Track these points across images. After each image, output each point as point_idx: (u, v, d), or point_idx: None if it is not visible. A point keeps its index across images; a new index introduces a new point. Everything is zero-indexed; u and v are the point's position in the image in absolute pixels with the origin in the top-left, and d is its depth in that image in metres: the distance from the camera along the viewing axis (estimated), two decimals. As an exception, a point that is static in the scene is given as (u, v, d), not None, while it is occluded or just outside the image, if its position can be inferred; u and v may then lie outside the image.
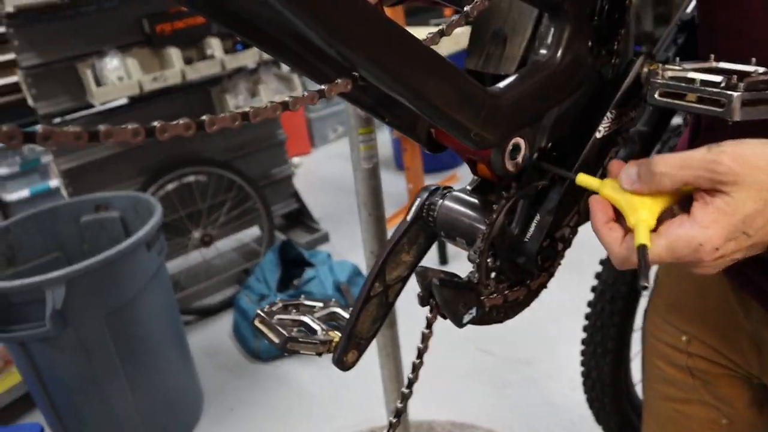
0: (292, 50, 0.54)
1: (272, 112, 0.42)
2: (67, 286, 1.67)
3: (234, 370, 2.51)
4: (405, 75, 0.46)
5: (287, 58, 0.54)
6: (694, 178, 0.49)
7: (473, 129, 0.53)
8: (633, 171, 0.52)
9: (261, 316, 0.77)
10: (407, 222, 0.69)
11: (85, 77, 2.42)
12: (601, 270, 1.43)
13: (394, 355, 1.30)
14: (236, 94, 2.77)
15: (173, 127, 0.38)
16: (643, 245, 0.48)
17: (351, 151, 1.13)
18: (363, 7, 0.43)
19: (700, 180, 0.49)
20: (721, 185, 0.48)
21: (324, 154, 4.99)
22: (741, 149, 0.48)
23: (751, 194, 0.48)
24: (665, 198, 0.52)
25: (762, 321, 0.81)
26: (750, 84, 0.52)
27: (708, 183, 0.49)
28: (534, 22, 0.61)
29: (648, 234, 0.49)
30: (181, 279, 2.90)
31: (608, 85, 0.65)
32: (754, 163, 0.48)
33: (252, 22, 0.52)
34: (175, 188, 2.78)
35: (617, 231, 0.53)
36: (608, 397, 1.52)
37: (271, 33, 0.53)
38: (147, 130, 0.36)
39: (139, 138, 0.36)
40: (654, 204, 0.51)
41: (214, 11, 0.50)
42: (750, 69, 0.55)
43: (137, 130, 0.36)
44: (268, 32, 0.53)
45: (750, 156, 0.48)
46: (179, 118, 0.39)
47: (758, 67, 0.55)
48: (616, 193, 0.53)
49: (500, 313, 0.66)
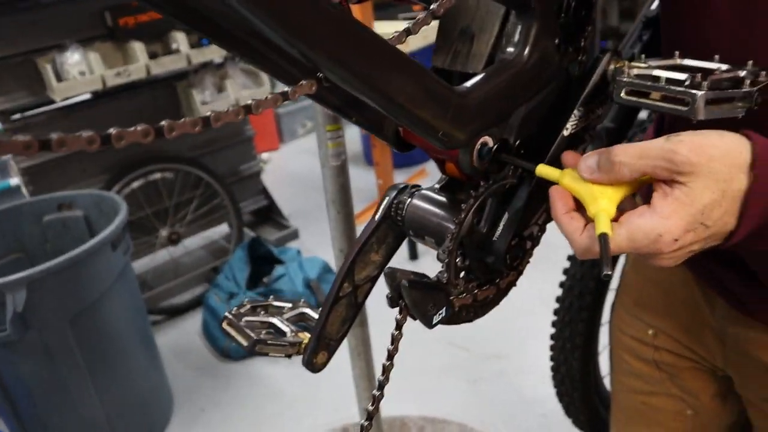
0: (255, 49, 0.53)
1: (234, 116, 0.41)
2: (29, 289, 1.63)
3: (204, 370, 2.48)
4: (370, 76, 0.45)
5: (250, 57, 0.53)
6: (652, 168, 0.49)
7: (440, 129, 0.52)
8: (592, 160, 0.52)
9: (229, 319, 0.76)
10: (375, 221, 0.68)
11: (45, 72, 2.35)
12: (569, 266, 1.45)
13: (366, 355, 1.30)
14: (203, 89, 2.73)
15: (130, 133, 0.36)
16: (604, 234, 0.48)
17: (319, 148, 1.12)
18: (324, 6, 0.42)
19: (658, 170, 0.49)
20: (678, 175, 0.48)
21: (293, 150, 4.95)
22: (698, 139, 0.49)
23: (709, 184, 0.48)
24: (625, 187, 0.52)
25: (726, 316, 0.83)
26: (713, 82, 0.52)
27: (666, 173, 0.49)
28: (501, 20, 0.61)
29: (609, 223, 0.49)
30: (149, 278, 2.85)
31: (575, 83, 0.65)
32: (711, 153, 0.48)
33: (212, 20, 0.50)
34: (140, 186, 2.72)
35: (578, 221, 0.53)
36: (577, 391, 1.54)
37: (232, 31, 0.51)
38: (102, 138, 0.35)
39: (94, 146, 0.34)
40: (614, 193, 0.51)
41: (172, 8, 0.48)
42: (713, 66, 0.56)
43: (92, 138, 0.34)
44: (230, 31, 0.51)
45: (707, 146, 0.48)
46: (144, 113, 0.38)
47: (721, 64, 0.56)
48: (576, 183, 0.53)
49: (470, 313, 0.65)
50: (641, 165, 0.50)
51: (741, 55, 0.58)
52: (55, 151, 0.33)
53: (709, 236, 0.50)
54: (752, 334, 0.79)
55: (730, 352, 0.85)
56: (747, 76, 0.53)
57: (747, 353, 0.81)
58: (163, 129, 0.38)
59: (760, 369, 0.80)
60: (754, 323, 0.78)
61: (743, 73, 0.53)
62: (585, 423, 1.61)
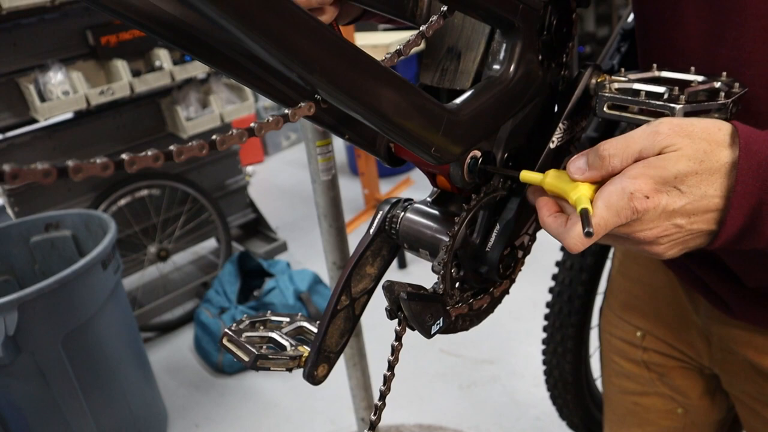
0: (252, 72, 0.54)
1: (238, 138, 0.43)
2: (20, 311, 1.62)
3: (198, 386, 2.47)
4: (367, 97, 0.47)
5: (247, 80, 0.55)
6: (640, 152, 0.51)
7: (433, 145, 0.54)
8: (581, 161, 0.53)
9: (229, 335, 0.77)
10: (370, 235, 0.70)
11: (28, 92, 2.35)
12: (558, 271, 1.47)
13: (362, 365, 1.31)
14: (187, 105, 2.73)
15: (141, 158, 0.38)
16: (585, 209, 0.50)
17: (309, 163, 1.13)
18: (323, 30, 0.44)
19: (646, 151, 0.50)
20: (663, 150, 0.50)
21: (278, 162, 4.96)
22: (678, 120, 0.51)
23: (685, 153, 0.49)
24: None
25: (710, 316, 0.85)
26: (691, 95, 0.55)
27: (653, 152, 0.50)
28: (487, 38, 0.63)
29: (588, 202, 0.51)
30: (139, 295, 2.84)
31: (559, 97, 0.68)
32: (690, 130, 0.50)
33: (210, 45, 0.52)
34: (127, 203, 2.72)
35: (562, 217, 0.54)
36: (570, 393, 1.56)
37: (230, 55, 0.53)
38: (116, 163, 0.36)
39: (108, 171, 0.36)
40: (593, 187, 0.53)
41: (172, 35, 0.50)
42: (690, 78, 0.58)
43: (106, 164, 0.36)
44: (228, 54, 0.53)
45: (686, 125, 0.50)
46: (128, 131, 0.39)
47: (698, 76, 0.58)
48: (557, 182, 0.55)
49: (466, 321, 0.67)
50: (630, 152, 0.51)
51: (712, 66, 0.61)
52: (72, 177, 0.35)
53: (692, 212, 0.50)
54: (736, 333, 0.82)
55: (716, 350, 0.87)
56: (722, 87, 0.56)
57: (732, 351, 0.84)
58: (172, 153, 0.40)
59: (745, 366, 0.83)
60: (738, 322, 0.80)
61: (718, 85, 0.56)
62: (579, 424, 1.63)
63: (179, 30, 0.50)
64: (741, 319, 0.79)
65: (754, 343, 0.80)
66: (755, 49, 0.59)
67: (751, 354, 0.80)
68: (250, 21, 0.39)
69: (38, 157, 2.53)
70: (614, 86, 0.60)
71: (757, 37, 0.59)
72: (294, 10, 0.41)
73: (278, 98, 0.56)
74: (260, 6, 0.39)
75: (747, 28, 0.59)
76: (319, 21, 0.44)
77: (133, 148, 2.74)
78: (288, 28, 0.41)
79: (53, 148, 2.55)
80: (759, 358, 0.80)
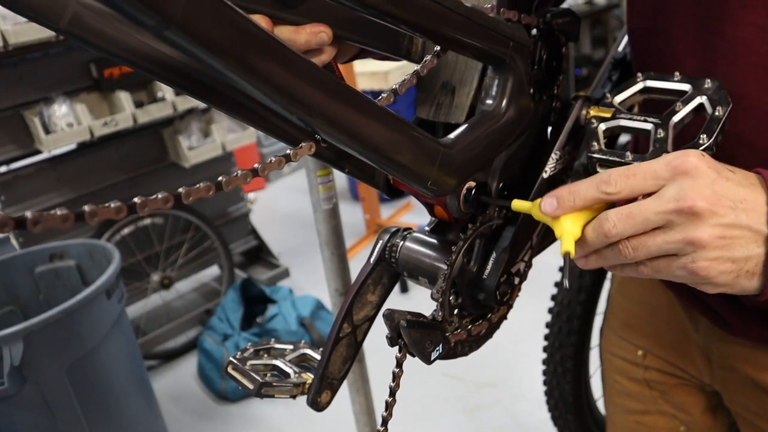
0: (251, 110, 0.57)
1: (243, 179, 0.45)
2: (25, 341, 1.63)
3: (202, 414, 2.47)
4: (365, 137, 0.49)
5: (246, 117, 0.57)
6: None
7: (429, 179, 0.57)
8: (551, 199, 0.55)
9: (234, 363, 0.78)
10: (371, 264, 0.72)
11: (33, 125, 2.39)
12: (556, 292, 1.49)
13: (365, 390, 1.32)
14: (189, 135, 2.77)
15: (152, 201, 0.40)
16: (567, 253, 0.52)
17: (310, 193, 1.16)
18: (320, 76, 0.46)
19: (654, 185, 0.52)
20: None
21: (279, 188, 4.99)
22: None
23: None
24: (588, 212, 0.55)
25: (710, 334, 0.87)
26: (676, 125, 0.58)
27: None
28: (479, 74, 0.66)
29: (572, 243, 0.53)
30: (142, 323, 2.85)
31: (551, 126, 0.70)
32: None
33: (207, 84, 0.54)
34: (131, 232, 2.74)
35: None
36: (571, 414, 1.56)
37: (227, 94, 0.55)
38: (129, 207, 0.39)
39: (122, 215, 0.38)
40: (578, 217, 0.54)
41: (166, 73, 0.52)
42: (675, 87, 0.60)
43: (120, 208, 0.38)
44: (229, 96, 0.56)
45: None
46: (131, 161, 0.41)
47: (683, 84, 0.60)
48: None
49: (465, 347, 0.69)
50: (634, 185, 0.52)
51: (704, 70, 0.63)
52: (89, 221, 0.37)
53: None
54: (736, 349, 0.83)
55: (717, 368, 0.88)
56: (707, 105, 0.57)
57: (732, 368, 0.85)
58: (181, 195, 0.42)
59: (746, 383, 0.83)
60: (738, 339, 0.81)
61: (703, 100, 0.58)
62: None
63: (178, 71, 0.52)
64: (741, 336, 0.80)
65: (754, 360, 0.81)
66: (747, 83, 0.61)
67: (751, 371, 0.81)
68: (247, 67, 0.41)
69: (43, 188, 2.56)
70: (601, 128, 0.62)
71: (749, 71, 0.61)
72: (290, 56, 0.44)
73: (280, 136, 0.59)
74: (257, 52, 0.41)
75: (738, 63, 0.61)
76: (316, 65, 0.46)
77: (136, 177, 2.77)
78: (286, 73, 0.43)
79: (57, 179, 2.58)
80: (760, 375, 0.80)
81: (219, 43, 0.38)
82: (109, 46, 0.48)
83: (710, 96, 0.57)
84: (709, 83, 0.58)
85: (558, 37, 0.68)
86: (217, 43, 0.38)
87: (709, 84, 0.58)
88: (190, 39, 0.37)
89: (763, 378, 0.80)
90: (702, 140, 0.56)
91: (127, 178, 2.73)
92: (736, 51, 0.61)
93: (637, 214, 0.50)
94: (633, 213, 0.50)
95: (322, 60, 0.59)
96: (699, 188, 0.48)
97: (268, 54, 0.42)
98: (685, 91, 0.59)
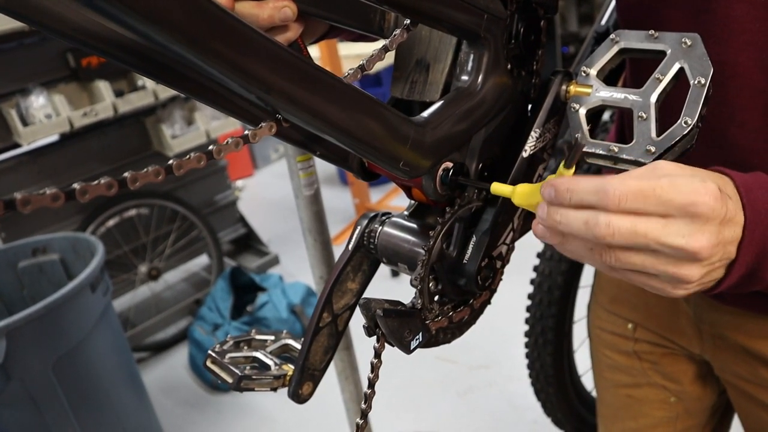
0: (215, 92, 0.54)
1: (196, 162, 0.42)
2: (9, 338, 1.61)
3: (194, 404, 2.45)
4: (327, 116, 0.47)
5: (211, 100, 0.54)
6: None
7: (401, 159, 0.54)
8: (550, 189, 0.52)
9: (212, 357, 0.76)
10: (349, 251, 0.70)
11: (10, 117, 2.33)
12: (539, 263, 1.48)
13: (354, 378, 1.30)
14: (172, 123, 2.72)
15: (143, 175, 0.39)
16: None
17: (291, 179, 1.13)
18: (277, 51, 0.43)
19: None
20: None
21: (267, 175, 4.95)
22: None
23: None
24: None
25: (700, 304, 0.87)
26: (658, 98, 0.55)
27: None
28: (454, 49, 0.63)
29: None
30: (131, 316, 2.82)
31: (531, 104, 0.67)
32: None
33: (171, 68, 0.51)
34: (116, 224, 2.70)
35: None
36: (552, 387, 1.55)
37: (190, 76, 0.52)
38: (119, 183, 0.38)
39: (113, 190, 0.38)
40: None
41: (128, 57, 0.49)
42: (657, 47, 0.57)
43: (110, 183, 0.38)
44: (188, 76, 0.52)
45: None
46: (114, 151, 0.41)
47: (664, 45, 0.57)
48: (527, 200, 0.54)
49: (447, 335, 0.67)
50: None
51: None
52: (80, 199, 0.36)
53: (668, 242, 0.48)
54: (727, 318, 0.83)
55: (707, 337, 0.88)
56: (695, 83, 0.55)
57: (723, 337, 0.85)
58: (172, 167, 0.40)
59: (737, 350, 0.84)
60: (729, 308, 0.82)
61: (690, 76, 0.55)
62: (563, 421, 1.62)
63: (140, 54, 0.49)
64: (731, 305, 0.80)
65: (745, 328, 0.81)
66: (739, 61, 0.60)
67: (742, 338, 0.82)
68: (199, 45, 0.38)
69: (24, 182, 2.51)
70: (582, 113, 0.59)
71: (741, 49, 0.60)
72: (245, 31, 0.41)
73: (244, 118, 0.56)
74: (209, 28, 0.38)
75: (730, 41, 0.60)
76: (274, 40, 0.43)
77: (119, 168, 2.72)
78: (240, 50, 0.41)
79: (38, 171, 2.54)
80: (751, 342, 0.81)
81: (155, 12, 0.35)
82: (54, 24, 0.45)
83: (690, 62, 0.54)
84: (688, 41, 0.54)
85: (536, 9, 0.66)
86: (153, 12, 0.35)
87: (688, 42, 0.54)
88: (121, 6, 0.33)
89: (754, 345, 0.81)
90: (686, 123, 0.53)
91: (110, 168, 2.69)
92: (727, 28, 0.60)
93: (641, 235, 0.47)
94: (637, 232, 0.47)
95: (287, 38, 0.56)
96: (708, 234, 0.48)
97: (218, 27, 0.39)
98: (664, 52, 0.56)
